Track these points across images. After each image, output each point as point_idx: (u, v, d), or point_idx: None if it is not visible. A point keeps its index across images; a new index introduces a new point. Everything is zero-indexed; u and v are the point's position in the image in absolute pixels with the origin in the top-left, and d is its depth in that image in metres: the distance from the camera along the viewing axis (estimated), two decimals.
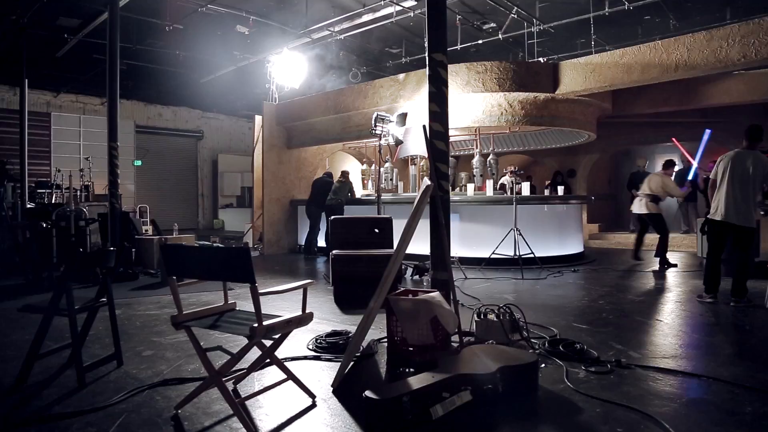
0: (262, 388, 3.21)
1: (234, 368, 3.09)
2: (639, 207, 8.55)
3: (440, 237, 3.88)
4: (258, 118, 12.35)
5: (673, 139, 9.27)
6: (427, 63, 4.34)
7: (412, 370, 3.49)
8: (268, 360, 3.16)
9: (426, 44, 4.38)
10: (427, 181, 3.67)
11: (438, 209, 3.80)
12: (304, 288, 3.07)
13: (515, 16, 11.25)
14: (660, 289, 6.71)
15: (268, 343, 3.10)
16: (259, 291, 2.71)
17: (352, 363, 3.66)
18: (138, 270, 8.16)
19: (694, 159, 9.84)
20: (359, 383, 3.33)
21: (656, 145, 13.41)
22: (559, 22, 11.52)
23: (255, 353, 3.20)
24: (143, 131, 17.37)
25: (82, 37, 11.99)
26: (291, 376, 3.12)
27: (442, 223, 3.81)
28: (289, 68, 12.10)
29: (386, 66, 15.04)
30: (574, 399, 3.07)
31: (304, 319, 3.01)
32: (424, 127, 4.06)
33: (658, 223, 8.47)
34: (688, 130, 12.31)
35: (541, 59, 11.30)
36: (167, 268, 2.96)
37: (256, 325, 2.69)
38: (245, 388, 3.27)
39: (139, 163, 16.31)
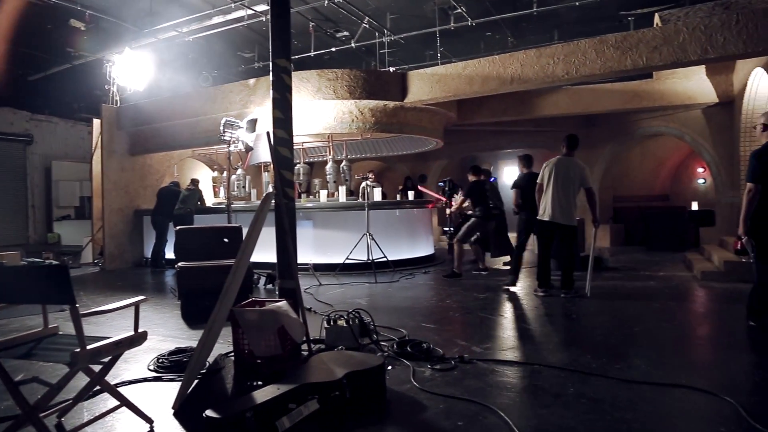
0: (92, 418, 2.93)
1: (57, 400, 2.79)
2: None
3: (286, 245, 3.82)
4: (97, 122, 11.39)
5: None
6: (270, 69, 4.27)
7: (260, 383, 3.39)
8: (98, 387, 2.89)
9: (270, 50, 4.31)
10: (271, 189, 3.60)
11: (283, 217, 3.74)
12: (136, 305, 2.86)
13: (367, 26, 11.51)
14: (502, 287, 7.19)
15: (97, 368, 2.84)
16: (82, 312, 2.48)
17: (196, 381, 3.47)
18: None
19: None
20: (203, 402, 3.15)
21: (498, 151, 14.44)
22: (409, 33, 11.99)
23: (84, 380, 2.92)
24: None
25: None
26: (125, 402, 2.88)
27: (288, 231, 3.76)
28: (132, 69, 11.30)
29: (238, 70, 14.65)
30: (420, 397, 3.17)
31: (136, 339, 2.80)
32: (267, 133, 3.98)
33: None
34: (525, 137, 13.43)
35: (391, 68, 11.66)
36: None
37: (78, 350, 2.45)
38: (72, 420, 2.97)
39: None
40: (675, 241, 10.83)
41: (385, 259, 8.23)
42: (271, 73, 4.25)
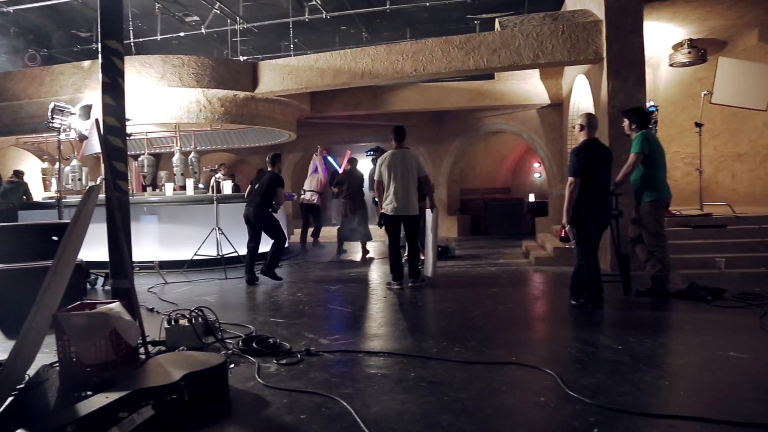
0: None
1: None
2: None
3: (118, 242, 3.54)
4: None
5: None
6: (99, 51, 3.92)
7: (89, 393, 3.12)
8: None
9: (99, 29, 3.96)
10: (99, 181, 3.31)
11: (114, 212, 3.46)
12: None
13: (218, 12, 11.05)
14: (355, 278, 7.31)
15: None
16: None
17: (11, 398, 3.10)
18: None
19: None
20: (18, 421, 2.83)
21: (352, 144, 14.64)
22: (262, 22, 11.70)
23: None
24: None
25: None
26: None
27: (120, 227, 3.49)
28: None
29: (74, 51, 13.36)
30: (264, 394, 3.10)
31: None
32: (96, 121, 3.66)
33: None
34: (379, 131, 13.75)
35: (242, 58, 11.32)
36: None
37: None
38: None
39: None
40: (515, 230, 11.78)
41: (236, 254, 7.99)
42: (100, 56, 3.90)
